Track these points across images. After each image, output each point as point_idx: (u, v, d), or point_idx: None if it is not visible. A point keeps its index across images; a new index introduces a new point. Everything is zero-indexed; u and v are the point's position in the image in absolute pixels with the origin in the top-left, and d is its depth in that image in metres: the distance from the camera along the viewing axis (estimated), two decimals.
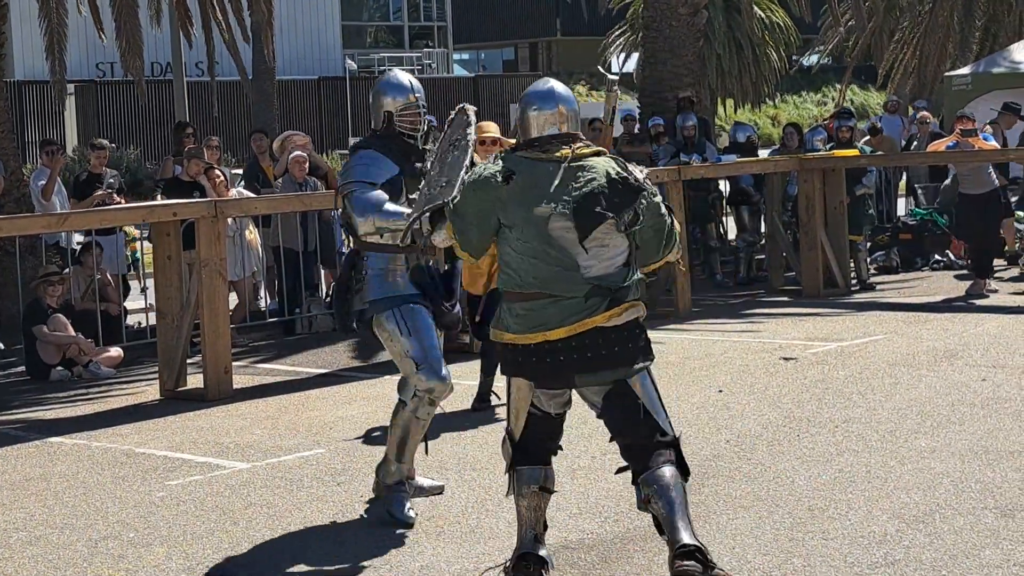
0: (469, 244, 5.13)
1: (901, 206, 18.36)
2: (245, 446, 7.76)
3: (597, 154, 5.06)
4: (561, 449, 5.43)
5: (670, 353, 10.28)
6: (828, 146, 14.28)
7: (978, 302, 12.33)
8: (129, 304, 12.62)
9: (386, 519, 6.04)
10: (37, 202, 12.03)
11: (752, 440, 7.30)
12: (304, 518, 6.22)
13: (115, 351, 10.89)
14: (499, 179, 5.00)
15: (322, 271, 13.00)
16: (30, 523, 6.34)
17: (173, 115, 22.16)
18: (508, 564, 5.26)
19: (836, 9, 20.06)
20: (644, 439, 5.07)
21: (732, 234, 15.83)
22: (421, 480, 6.54)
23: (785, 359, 9.75)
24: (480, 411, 8.41)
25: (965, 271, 13.53)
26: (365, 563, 5.56)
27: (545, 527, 5.30)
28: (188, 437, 8.13)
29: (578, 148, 5.04)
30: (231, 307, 12.21)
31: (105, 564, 5.69)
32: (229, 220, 10.63)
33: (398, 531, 5.92)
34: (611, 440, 5.26)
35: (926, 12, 26.70)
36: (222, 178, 11.95)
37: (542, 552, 5.21)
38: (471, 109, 5.98)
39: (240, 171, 13.16)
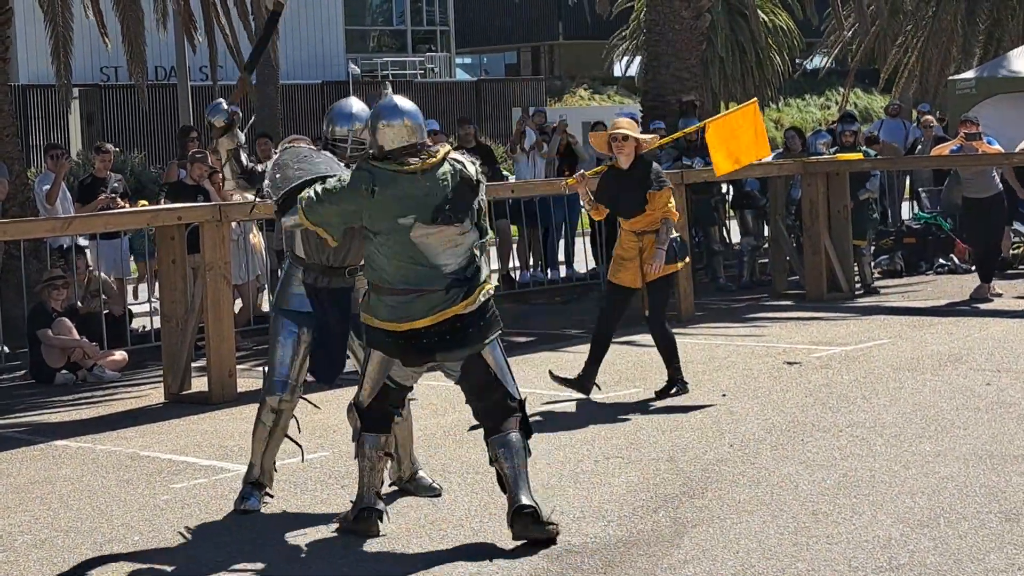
0: (336, 232, 5.87)
1: (905, 210, 18.36)
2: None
3: (443, 160, 5.79)
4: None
5: None
6: (832, 150, 14.29)
7: (982, 306, 12.32)
8: (134, 308, 12.64)
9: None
10: (41, 206, 12.05)
11: (756, 444, 7.30)
12: (308, 521, 6.22)
13: (119, 354, 10.91)
14: (367, 190, 5.66)
15: None
16: (35, 526, 6.35)
17: (177, 119, 22.19)
18: (350, 516, 5.96)
19: (839, 13, 20.06)
20: (495, 403, 5.87)
21: (735, 237, 15.83)
22: (423, 477, 6.67)
23: (789, 363, 9.75)
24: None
25: (975, 273, 13.46)
26: (368, 566, 5.57)
27: (382, 483, 6.03)
28: (192, 440, 8.14)
29: (427, 159, 5.75)
30: (235, 310, 12.24)
31: (110, 567, 5.69)
32: (233, 224, 10.64)
33: (402, 535, 5.92)
34: (466, 402, 6.02)
35: (929, 16, 26.71)
36: (223, 183, 11.96)
37: (380, 506, 5.95)
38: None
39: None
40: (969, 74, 20.59)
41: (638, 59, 30.62)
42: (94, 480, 7.22)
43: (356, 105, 6.63)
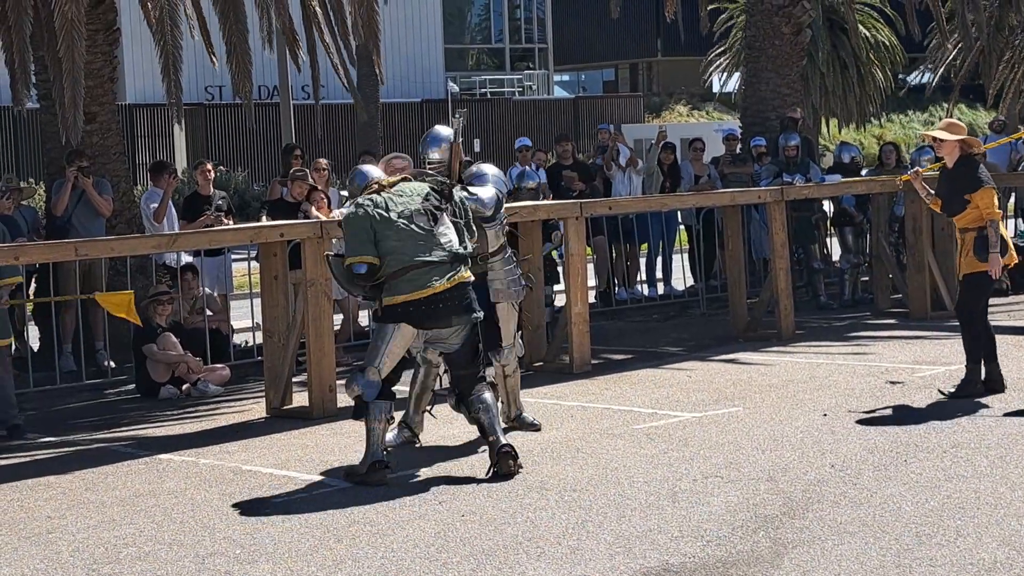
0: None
1: (1011, 227, 17.99)
2: (349, 464, 7.83)
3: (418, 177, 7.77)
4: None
5: (773, 376, 10.19)
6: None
7: None
8: (236, 323, 12.84)
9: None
10: (148, 223, 12.29)
11: (857, 465, 7.19)
12: (406, 536, 6.26)
13: (223, 369, 11.09)
14: (364, 205, 7.46)
15: None
16: (139, 539, 6.47)
17: (280, 137, 22.52)
18: (361, 469, 7.30)
19: (944, 28, 19.75)
20: (473, 374, 7.60)
21: (836, 255, 15.63)
22: (526, 416, 8.52)
23: (892, 383, 9.60)
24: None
25: None
26: None
27: (386, 442, 7.42)
28: (293, 455, 8.24)
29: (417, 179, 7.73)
30: (336, 326, 12.38)
31: None
32: (334, 240, 10.77)
33: (499, 551, 5.93)
34: (445, 371, 7.99)
35: None
36: (325, 200, 12.12)
37: (386, 459, 7.33)
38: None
39: (347, 192, 13.36)
40: None
41: (736, 75, 30.41)
42: (197, 494, 7.34)
43: (445, 131, 8.15)
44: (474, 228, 7.77)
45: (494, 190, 8.21)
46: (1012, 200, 18.21)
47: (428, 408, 8.30)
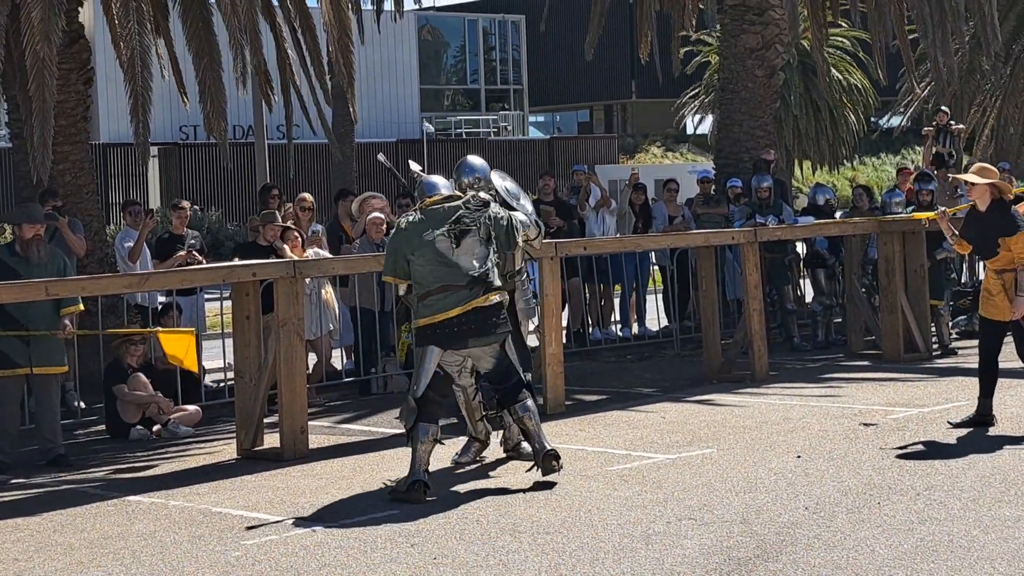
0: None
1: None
2: (320, 506, 7.77)
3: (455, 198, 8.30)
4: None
5: (747, 417, 10.18)
6: (908, 209, 14.14)
7: None
8: (207, 363, 12.75)
9: None
10: (123, 263, 12.23)
11: (831, 507, 7.18)
12: None
13: (193, 410, 11.00)
14: (403, 226, 8.16)
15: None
16: None
17: (254, 177, 22.50)
18: (402, 487, 7.76)
19: (913, 73, 19.92)
20: (514, 384, 8.13)
21: (809, 297, 15.68)
22: (525, 447, 8.56)
23: (865, 425, 9.61)
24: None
25: None
26: None
27: (429, 464, 7.90)
28: (264, 497, 8.16)
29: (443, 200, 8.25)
30: (309, 366, 12.32)
31: None
32: (307, 279, 10.74)
33: None
34: (484, 380, 8.38)
35: (1006, 76, 26.46)
36: (299, 239, 12.08)
37: (427, 480, 7.80)
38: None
39: (320, 226, 13.33)
40: None
41: (710, 117, 30.61)
42: (167, 536, 7.26)
43: (478, 161, 8.87)
44: (512, 239, 8.25)
45: (530, 206, 8.93)
46: None
47: (483, 416, 8.68)
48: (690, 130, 42.63)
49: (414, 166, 8.92)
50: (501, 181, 8.79)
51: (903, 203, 14.47)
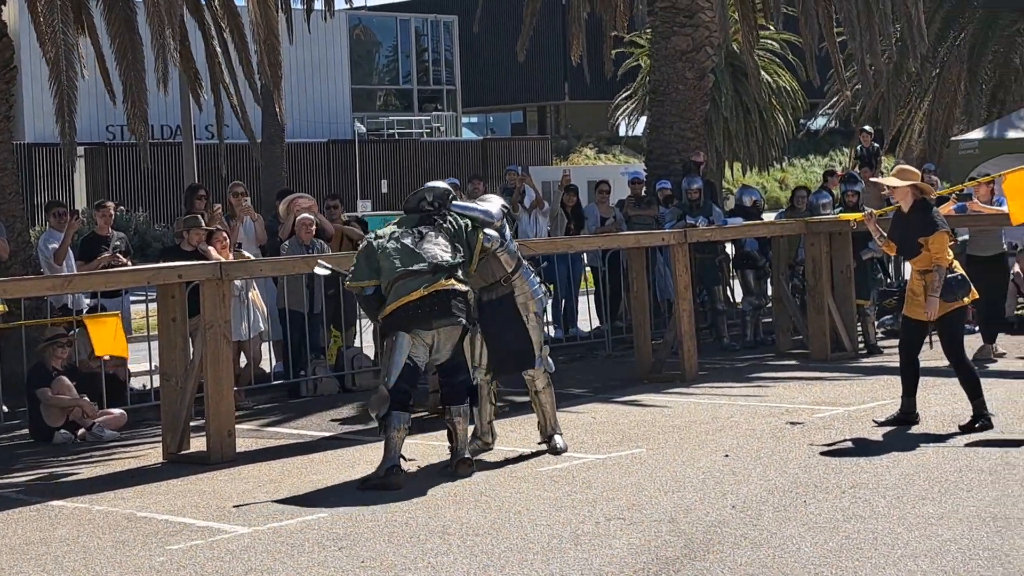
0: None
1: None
2: (247, 510, 7.70)
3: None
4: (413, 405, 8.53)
5: (676, 417, 10.23)
6: (836, 209, 14.29)
7: (987, 366, 12.24)
8: (133, 366, 12.59)
9: None
10: (47, 265, 12.04)
11: (758, 506, 7.23)
12: None
13: (119, 413, 10.86)
14: (372, 237, 8.66)
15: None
16: None
17: (183, 177, 22.28)
18: (380, 472, 8.09)
19: (842, 74, 20.14)
20: (460, 382, 8.51)
21: (739, 297, 15.80)
22: (557, 440, 8.96)
23: (792, 423, 9.68)
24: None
25: (979, 333, 13.36)
26: None
27: (401, 451, 8.18)
28: (190, 501, 8.07)
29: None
30: (241, 367, 12.20)
31: None
32: (236, 280, 10.64)
33: None
34: (434, 373, 8.92)
35: (933, 77, 26.84)
36: (227, 240, 11.95)
37: (403, 465, 8.22)
38: None
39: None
40: (975, 134, 20.63)
41: (643, 119, 30.75)
42: (90, 541, 7.15)
43: (440, 184, 9.05)
44: (472, 241, 8.62)
45: (500, 203, 9.05)
46: None
47: (491, 419, 9.10)
48: (623, 132, 42.78)
49: (320, 271, 9.36)
50: (460, 202, 9.13)
51: (830, 204, 14.62)
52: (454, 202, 8.88)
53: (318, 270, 9.38)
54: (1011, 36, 26.75)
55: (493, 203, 9.07)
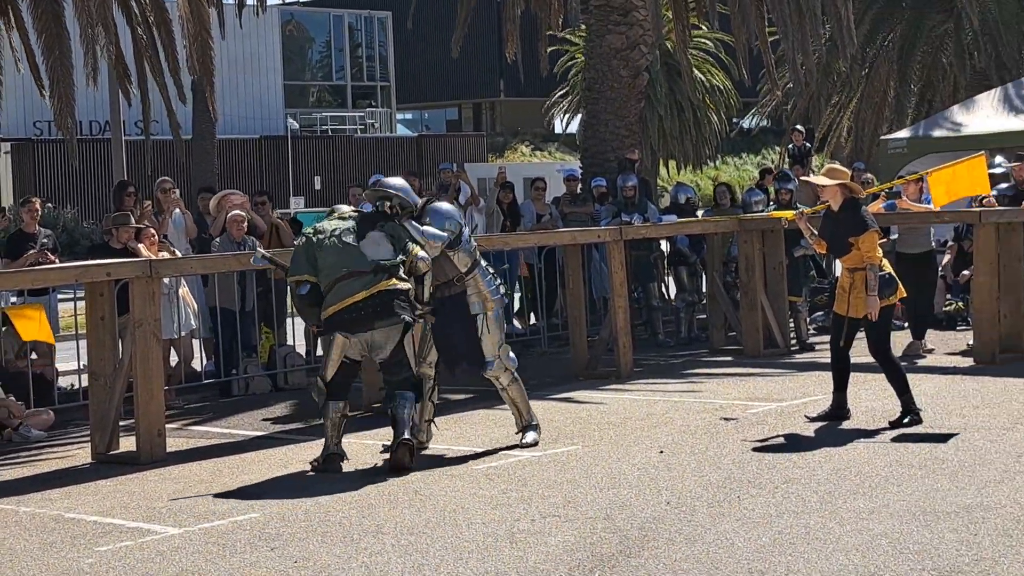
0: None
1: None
2: (177, 510, 7.60)
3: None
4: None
5: (611, 413, 10.24)
6: (771, 207, 14.39)
7: (915, 362, 12.39)
8: (61, 366, 12.40)
9: None
10: None
11: (692, 501, 7.25)
12: None
13: (46, 413, 10.68)
14: (310, 231, 8.56)
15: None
16: None
17: (111, 174, 21.98)
18: (319, 461, 8.36)
19: (774, 73, 20.32)
20: (403, 379, 8.49)
21: (673, 294, 15.87)
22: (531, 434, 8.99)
23: (726, 419, 9.74)
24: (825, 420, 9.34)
25: (908, 329, 13.53)
26: None
27: (340, 436, 8.42)
28: (119, 501, 7.95)
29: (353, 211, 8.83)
30: (172, 365, 12.06)
31: None
32: (165, 278, 10.50)
33: None
34: (379, 370, 8.93)
35: (863, 77, 27.16)
36: (155, 237, 11.80)
37: (341, 451, 8.41)
38: None
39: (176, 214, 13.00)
40: (903, 133, 20.88)
41: (579, 116, 30.83)
42: (16, 543, 7.02)
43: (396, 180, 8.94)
44: (412, 244, 8.48)
45: (455, 216, 8.98)
46: None
47: (430, 419, 8.98)
48: (559, 129, 42.89)
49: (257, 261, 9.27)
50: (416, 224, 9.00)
51: (763, 202, 14.73)
52: (411, 222, 8.69)
53: (255, 259, 9.27)
54: (939, 36, 27.13)
55: (449, 218, 8.84)
